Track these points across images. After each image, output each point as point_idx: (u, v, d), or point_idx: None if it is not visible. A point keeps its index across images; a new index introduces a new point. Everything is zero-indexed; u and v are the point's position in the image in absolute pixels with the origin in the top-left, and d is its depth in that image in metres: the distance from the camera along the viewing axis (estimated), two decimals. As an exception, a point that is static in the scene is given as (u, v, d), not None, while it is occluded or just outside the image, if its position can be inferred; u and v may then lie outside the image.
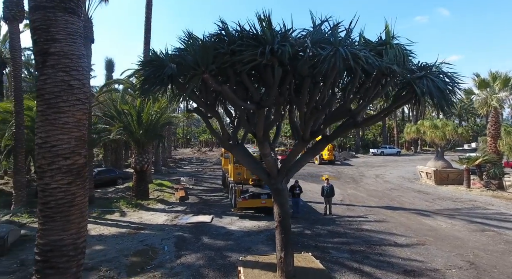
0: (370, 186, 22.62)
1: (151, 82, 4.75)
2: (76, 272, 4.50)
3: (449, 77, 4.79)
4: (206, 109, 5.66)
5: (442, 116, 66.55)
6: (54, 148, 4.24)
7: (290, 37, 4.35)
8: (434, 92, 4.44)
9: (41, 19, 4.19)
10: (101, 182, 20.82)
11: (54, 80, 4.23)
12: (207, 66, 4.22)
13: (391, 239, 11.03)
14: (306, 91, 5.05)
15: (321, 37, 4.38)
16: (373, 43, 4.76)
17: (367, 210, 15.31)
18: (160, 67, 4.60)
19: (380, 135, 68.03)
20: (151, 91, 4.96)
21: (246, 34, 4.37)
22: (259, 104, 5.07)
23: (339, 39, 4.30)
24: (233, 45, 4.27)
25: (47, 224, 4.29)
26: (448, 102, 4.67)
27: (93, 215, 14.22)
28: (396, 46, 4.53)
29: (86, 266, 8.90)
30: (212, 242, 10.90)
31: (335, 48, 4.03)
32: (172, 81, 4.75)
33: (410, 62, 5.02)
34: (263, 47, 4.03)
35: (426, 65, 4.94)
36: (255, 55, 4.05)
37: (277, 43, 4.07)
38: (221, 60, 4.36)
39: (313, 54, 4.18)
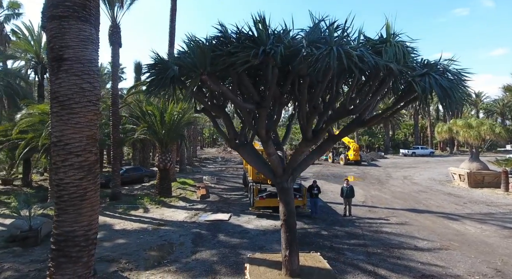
0: (396, 187, 21.81)
1: (155, 84, 5.01)
2: (87, 261, 4.84)
3: (455, 74, 4.57)
4: (211, 109, 5.83)
5: (482, 115, 62.17)
6: (67, 146, 4.60)
7: (285, 38, 4.38)
8: (436, 90, 4.26)
9: (57, 28, 4.56)
10: (129, 180, 21.86)
11: (68, 84, 4.59)
12: (205, 67, 4.38)
13: (412, 242, 10.62)
14: (306, 91, 5.04)
15: (318, 36, 4.37)
16: (373, 41, 4.66)
17: (389, 212, 14.81)
18: (164, 70, 4.84)
19: (412, 135, 65.15)
20: (157, 93, 5.22)
21: (244, 36, 4.47)
22: (259, 104, 5.14)
23: (335, 39, 4.26)
24: (229, 47, 4.38)
25: (61, 216, 4.66)
26: (453, 100, 4.45)
27: (119, 210, 14.99)
28: (397, 43, 4.40)
29: (108, 257, 9.50)
30: (228, 239, 11.10)
31: (329, 48, 4.01)
32: (175, 83, 4.96)
33: (413, 60, 4.84)
34: (257, 48, 4.11)
35: (429, 62, 4.75)
36: (249, 56, 4.14)
37: (270, 44, 4.12)
38: (221, 62, 4.49)
39: (307, 54, 4.18)
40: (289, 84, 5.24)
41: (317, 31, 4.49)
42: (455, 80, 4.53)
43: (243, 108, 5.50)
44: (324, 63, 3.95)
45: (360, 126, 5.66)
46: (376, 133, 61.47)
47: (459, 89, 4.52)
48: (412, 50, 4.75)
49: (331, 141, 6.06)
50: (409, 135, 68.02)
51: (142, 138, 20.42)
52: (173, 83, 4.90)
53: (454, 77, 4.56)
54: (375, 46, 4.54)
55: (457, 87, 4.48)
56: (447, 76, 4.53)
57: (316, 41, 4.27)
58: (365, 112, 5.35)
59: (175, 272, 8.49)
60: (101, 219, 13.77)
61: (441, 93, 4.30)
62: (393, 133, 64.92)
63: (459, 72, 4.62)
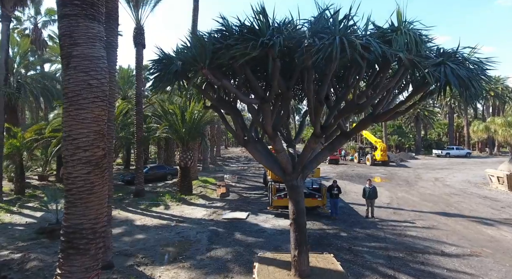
0: (426, 189, 20.65)
1: (159, 80, 5.03)
2: (95, 254, 4.94)
3: (476, 63, 4.13)
4: (219, 105, 5.76)
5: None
6: (75, 140, 4.72)
7: (287, 29, 4.19)
8: (452, 81, 3.87)
9: (66, 26, 4.70)
10: (153, 177, 22.50)
11: (76, 80, 4.70)
12: (205, 61, 4.31)
13: (439, 247, 9.96)
14: (311, 84, 4.82)
15: (322, 26, 4.14)
16: (383, 30, 4.35)
17: (416, 215, 14.03)
18: (169, 65, 4.84)
19: (447, 135, 61.52)
20: (162, 88, 5.24)
21: (246, 28, 4.35)
22: (263, 99, 5.00)
23: (340, 28, 4.01)
24: (229, 40, 4.28)
25: (70, 209, 4.80)
26: (472, 92, 4.03)
27: (141, 206, 15.44)
28: (408, 31, 4.06)
29: (126, 252, 9.77)
30: (244, 238, 11.04)
31: (332, 37, 3.78)
32: (178, 77, 4.94)
33: (429, 49, 4.45)
34: (255, 40, 3.97)
35: (446, 51, 4.34)
36: (247, 48, 4.01)
37: (269, 35, 3.96)
38: (222, 55, 4.40)
39: (309, 45, 3.98)
40: (295, 78, 5.05)
41: (322, 21, 4.27)
42: (475, 70, 4.11)
43: (247, 103, 5.38)
44: (326, 53, 3.73)
45: (372, 121, 5.34)
46: (407, 133, 58.69)
47: (479, 79, 4.08)
48: (427, 39, 4.38)
49: (343, 138, 5.77)
50: (443, 135, 64.37)
51: (165, 137, 20.92)
52: (176, 78, 4.89)
53: (474, 67, 4.14)
54: (385, 35, 4.23)
55: (477, 78, 4.05)
56: (467, 66, 4.12)
57: (320, 31, 4.06)
58: (378, 107, 5.03)
59: (189, 269, 8.56)
60: (124, 214, 14.31)
61: (457, 84, 3.91)
62: (425, 133, 61.73)
63: (480, 61, 4.18)
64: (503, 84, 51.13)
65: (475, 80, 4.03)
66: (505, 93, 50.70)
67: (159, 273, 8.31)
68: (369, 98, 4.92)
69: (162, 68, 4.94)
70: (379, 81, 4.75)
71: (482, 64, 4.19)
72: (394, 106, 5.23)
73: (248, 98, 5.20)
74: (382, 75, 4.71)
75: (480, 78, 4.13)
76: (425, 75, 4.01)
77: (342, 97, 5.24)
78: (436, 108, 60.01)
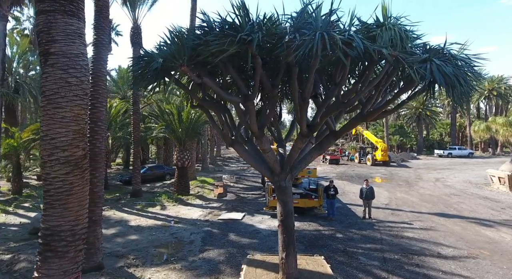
0: (426, 190, 20.42)
1: (141, 77, 4.90)
2: (74, 257, 4.82)
3: (463, 60, 3.97)
4: (204, 104, 5.62)
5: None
6: (53, 140, 4.60)
7: (267, 25, 4.04)
8: (438, 78, 3.71)
9: (43, 22, 4.59)
10: (151, 177, 22.42)
11: (54, 78, 4.59)
12: (184, 58, 4.18)
13: (435, 249, 9.77)
14: (295, 82, 4.67)
15: (304, 22, 3.99)
16: (369, 26, 4.19)
17: (414, 216, 13.83)
18: (150, 62, 4.71)
19: (449, 135, 60.98)
20: (143, 86, 5.12)
21: (227, 24, 4.20)
22: (246, 97, 4.85)
23: (321, 23, 3.85)
24: (208, 36, 4.15)
25: (48, 211, 4.68)
26: (459, 90, 3.86)
27: (137, 207, 15.34)
28: (394, 27, 3.90)
29: (118, 253, 9.66)
30: (238, 239, 10.91)
31: (313, 33, 3.64)
32: (159, 75, 4.82)
33: (416, 46, 4.29)
34: (234, 36, 3.83)
35: (433, 47, 4.17)
36: (224, 44, 3.87)
37: (247, 31, 3.82)
38: (203, 52, 4.26)
39: (289, 40, 3.84)
40: (281, 75, 4.90)
41: (304, 16, 4.11)
42: (463, 66, 3.94)
43: (230, 101, 5.25)
44: (307, 49, 3.59)
45: (362, 120, 5.18)
46: (409, 133, 58.28)
47: (467, 77, 3.91)
48: (415, 36, 4.20)
49: (332, 137, 5.61)
50: (445, 135, 63.83)
51: (164, 137, 20.83)
52: (157, 76, 4.77)
53: (461, 64, 3.97)
54: (369, 31, 4.08)
55: (465, 75, 3.88)
56: (455, 63, 3.95)
57: (302, 27, 3.91)
58: (367, 105, 4.87)
59: (179, 270, 8.43)
60: (119, 215, 14.21)
61: (443, 82, 3.74)
62: (427, 133, 61.25)
63: (468, 58, 4.01)
64: (506, 83, 50.64)
65: (462, 77, 3.86)
66: (508, 93, 50.22)
67: (149, 275, 8.19)
68: (354, 96, 4.76)
69: (143, 66, 4.82)
70: (364, 79, 4.59)
71: (470, 61, 4.02)
72: (382, 105, 5.06)
73: (231, 97, 5.07)
74: (368, 73, 4.56)
75: (468, 76, 3.96)
76: (410, 72, 3.86)
77: (330, 95, 5.09)
78: (439, 108, 59.49)
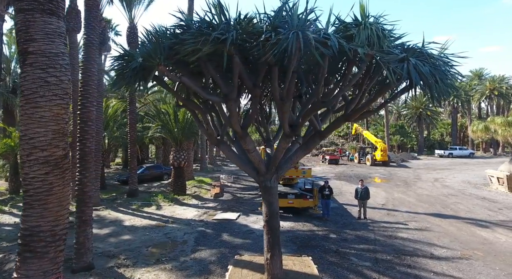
0: (423, 190, 20.30)
1: (121, 77, 4.86)
2: (54, 257, 4.79)
3: (439, 59, 3.89)
4: (188, 104, 5.58)
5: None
6: (32, 140, 4.57)
7: (243, 24, 3.99)
8: (414, 77, 3.65)
9: (22, 21, 4.55)
10: (149, 177, 22.44)
11: (32, 77, 4.55)
12: (160, 57, 4.13)
13: (428, 250, 9.69)
14: (275, 82, 4.61)
15: (282, 21, 3.94)
16: (347, 24, 4.12)
17: (410, 216, 13.74)
18: (130, 62, 4.67)
19: (450, 135, 60.66)
20: (122, 86, 5.07)
21: (205, 23, 4.15)
22: (226, 97, 4.80)
23: (297, 22, 3.79)
24: (184, 35, 4.10)
25: (27, 211, 4.65)
26: (435, 89, 3.79)
27: (133, 207, 15.33)
28: (371, 25, 3.84)
29: (109, 253, 9.64)
30: (231, 239, 10.86)
31: (288, 32, 3.58)
32: (138, 74, 4.77)
33: (395, 45, 4.22)
34: (207, 35, 3.78)
35: (411, 47, 4.10)
36: (198, 43, 3.82)
37: (221, 30, 3.77)
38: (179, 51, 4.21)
39: (265, 40, 3.78)
40: (262, 75, 4.85)
41: (283, 15, 4.05)
42: (441, 66, 3.86)
43: (211, 100, 5.20)
44: (281, 48, 3.53)
45: (345, 121, 5.12)
46: (409, 133, 58.04)
47: (445, 76, 3.84)
48: (392, 34, 4.13)
49: (318, 138, 5.55)
50: (446, 135, 63.52)
51: (162, 137, 20.82)
52: (136, 75, 4.71)
53: (439, 63, 3.89)
54: (347, 29, 4.02)
55: (443, 75, 3.81)
56: (434, 62, 3.88)
57: (279, 26, 3.85)
58: (351, 105, 4.81)
59: (170, 271, 8.39)
60: (114, 215, 14.20)
61: (419, 81, 3.67)
62: (428, 133, 60.98)
63: (446, 57, 3.93)
64: (507, 83, 50.34)
65: (439, 77, 3.78)
66: (509, 92, 49.90)
67: (139, 275, 8.16)
68: (333, 95, 4.70)
69: (124, 66, 4.78)
70: (345, 79, 4.52)
71: (448, 60, 3.94)
72: (361, 105, 4.99)
73: (212, 96, 5.02)
74: (347, 72, 4.49)
75: (446, 75, 3.88)
76: (385, 71, 3.79)
77: (313, 95, 5.03)
78: (440, 108, 59.14)
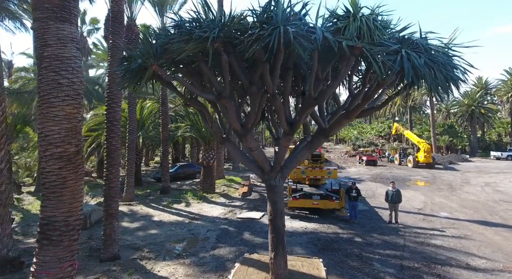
0: (470, 195, 18.54)
1: (123, 77, 5.08)
2: (69, 246, 5.17)
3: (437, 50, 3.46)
4: (191, 102, 5.68)
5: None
6: (47, 137, 4.97)
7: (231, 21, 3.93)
8: (406, 70, 3.29)
9: (38, 29, 4.98)
10: (182, 176, 23.30)
11: (47, 80, 4.96)
12: (153, 57, 4.24)
13: (464, 259, 8.83)
14: (267, 78, 4.48)
15: (268, 16, 3.82)
16: (340, 17, 3.86)
17: (449, 222, 12.64)
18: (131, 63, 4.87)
19: (510, 135, 54.67)
20: (127, 86, 5.30)
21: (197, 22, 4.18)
22: (219, 95, 4.79)
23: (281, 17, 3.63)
24: (173, 35, 4.16)
25: (45, 202, 5.08)
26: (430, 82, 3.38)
27: (164, 203, 16.03)
28: (362, 17, 3.54)
29: (135, 246, 10.17)
30: (252, 238, 10.87)
31: (271, 27, 3.46)
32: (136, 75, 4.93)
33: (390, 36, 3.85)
34: (192, 33, 3.79)
35: (407, 38, 3.70)
36: (182, 42, 3.84)
37: (205, 28, 3.75)
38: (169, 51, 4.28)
39: (248, 36, 3.69)
40: (258, 73, 4.75)
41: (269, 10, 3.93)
42: (438, 58, 3.45)
43: (206, 99, 5.22)
44: (263, 44, 3.42)
45: (346, 118, 4.83)
46: (460, 133, 53.29)
47: (442, 69, 3.41)
48: (386, 25, 3.78)
49: (322, 136, 5.31)
50: (505, 135, 57.36)
51: (192, 136, 21.50)
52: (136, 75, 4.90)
53: (436, 54, 3.47)
54: (338, 22, 3.77)
55: (442, 66, 3.39)
56: (431, 53, 3.47)
57: (265, 21, 3.74)
58: (353, 103, 4.53)
59: (188, 265, 8.63)
60: (145, 210, 14.97)
61: (413, 75, 3.30)
62: (482, 133, 55.62)
63: (447, 47, 3.48)
64: None
65: (437, 69, 3.37)
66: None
67: (158, 268, 8.50)
68: (324, 91, 4.45)
69: (126, 67, 5.00)
70: (337, 74, 4.26)
71: (448, 51, 3.50)
72: (361, 102, 4.64)
73: (205, 94, 5.04)
74: (341, 67, 4.21)
75: (444, 67, 3.44)
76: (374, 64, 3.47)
77: (305, 92, 4.82)
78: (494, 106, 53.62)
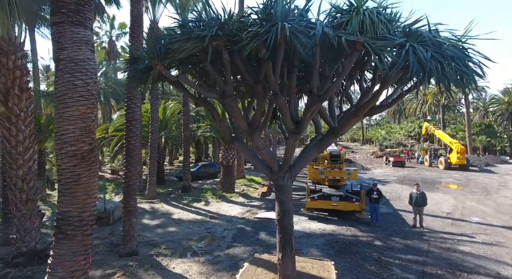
0: (507, 199, 17.26)
1: (132, 78, 5.21)
2: (82, 240, 5.39)
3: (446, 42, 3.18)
4: (200, 102, 5.71)
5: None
6: (63, 136, 5.22)
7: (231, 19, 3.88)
8: (411, 64, 3.06)
9: (55, 33, 5.24)
10: (204, 175, 23.67)
11: (62, 81, 5.21)
12: (158, 57, 4.30)
13: (494, 268, 8.23)
14: (271, 76, 4.38)
15: (268, 13, 3.73)
16: (343, 11, 3.69)
17: (480, 228, 11.84)
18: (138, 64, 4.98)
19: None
20: (135, 87, 5.41)
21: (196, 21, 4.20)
22: (223, 94, 4.75)
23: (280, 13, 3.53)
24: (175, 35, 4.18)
25: (60, 197, 5.33)
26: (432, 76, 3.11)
27: (184, 201, 16.35)
28: (365, 11, 3.35)
29: (153, 242, 10.45)
30: (268, 238, 10.80)
31: (269, 24, 3.37)
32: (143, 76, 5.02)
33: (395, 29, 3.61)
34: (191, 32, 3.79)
35: (414, 31, 3.44)
36: (183, 41, 3.85)
37: (203, 27, 3.74)
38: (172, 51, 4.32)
39: (247, 33, 3.62)
40: (263, 71, 4.67)
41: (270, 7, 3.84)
42: (446, 50, 3.17)
43: (210, 97, 5.20)
44: (260, 41, 3.35)
45: (355, 116, 4.63)
46: (499, 133, 49.69)
47: (452, 62, 3.13)
48: (391, 18, 3.54)
49: (332, 135, 5.14)
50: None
51: (213, 136, 21.75)
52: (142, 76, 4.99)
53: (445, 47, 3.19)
54: (341, 17, 3.60)
55: (449, 61, 3.12)
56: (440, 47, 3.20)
57: (265, 18, 3.67)
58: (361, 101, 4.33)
59: (202, 263, 8.73)
60: (166, 208, 15.35)
61: (420, 70, 3.06)
62: (525, 133, 51.56)
63: (458, 39, 3.19)
64: None
65: (446, 62, 3.09)
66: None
67: (173, 265, 8.67)
68: (328, 89, 4.27)
69: (133, 68, 5.13)
70: (342, 71, 4.07)
71: (457, 44, 3.20)
72: (369, 99, 4.40)
73: (210, 93, 5.04)
74: (345, 63, 4.02)
75: (454, 61, 3.15)
76: (374, 59, 3.27)
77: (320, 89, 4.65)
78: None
